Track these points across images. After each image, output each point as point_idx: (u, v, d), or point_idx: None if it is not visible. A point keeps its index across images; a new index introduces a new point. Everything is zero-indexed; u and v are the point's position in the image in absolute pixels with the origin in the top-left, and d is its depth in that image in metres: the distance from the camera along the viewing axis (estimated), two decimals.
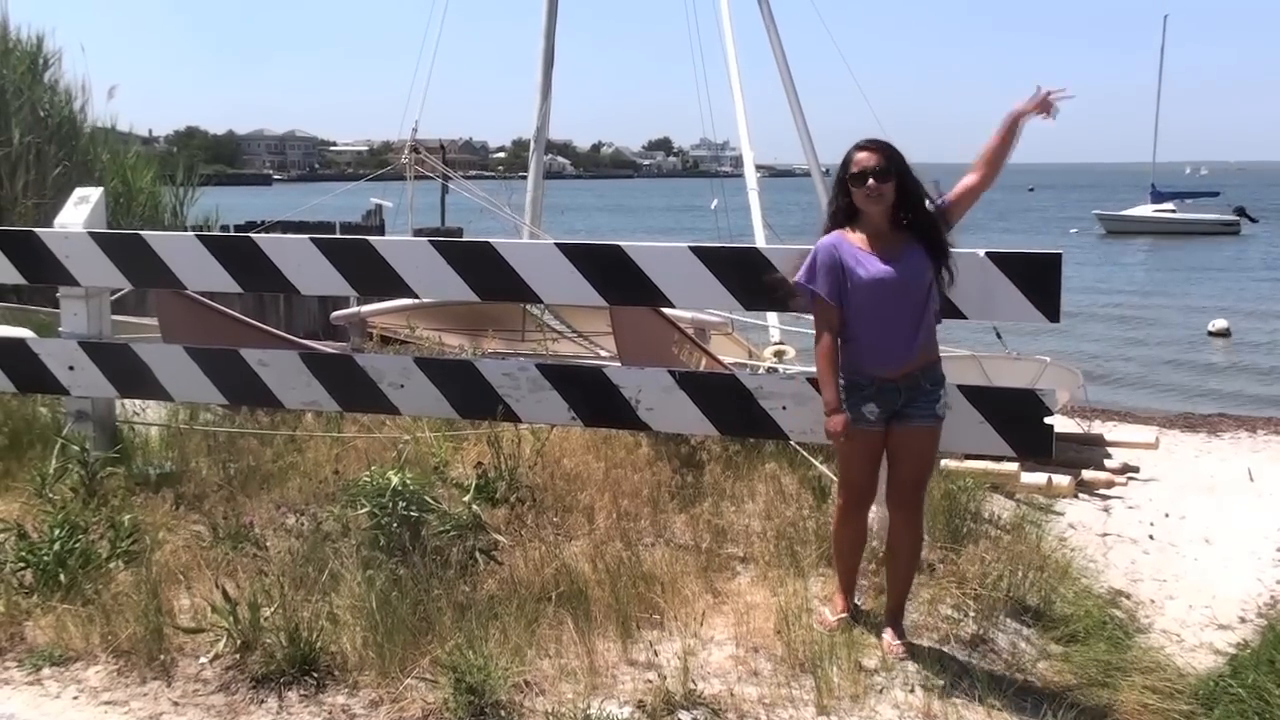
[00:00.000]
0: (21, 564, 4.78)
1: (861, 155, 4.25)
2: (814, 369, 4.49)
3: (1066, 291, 4.91)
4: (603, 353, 10.34)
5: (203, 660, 4.23)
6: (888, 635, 4.40)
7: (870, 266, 4.23)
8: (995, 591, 4.88)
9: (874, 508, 4.76)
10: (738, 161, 15.09)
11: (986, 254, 4.90)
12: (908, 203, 4.27)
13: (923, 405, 4.32)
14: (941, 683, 4.10)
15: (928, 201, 4.34)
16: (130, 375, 6.13)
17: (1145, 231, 53.39)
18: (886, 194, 4.22)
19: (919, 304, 4.27)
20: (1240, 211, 56.50)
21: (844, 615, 4.52)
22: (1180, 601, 5.96)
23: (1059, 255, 4.89)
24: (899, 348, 4.27)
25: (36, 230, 6.39)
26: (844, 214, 4.33)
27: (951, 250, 4.35)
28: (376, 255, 5.74)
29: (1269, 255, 44.93)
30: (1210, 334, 24.72)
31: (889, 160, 4.24)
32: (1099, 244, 50.83)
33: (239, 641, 4.21)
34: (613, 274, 5.44)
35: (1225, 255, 44.57)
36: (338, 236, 6.09)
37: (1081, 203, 74.33)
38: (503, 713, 3.83)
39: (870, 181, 4.21)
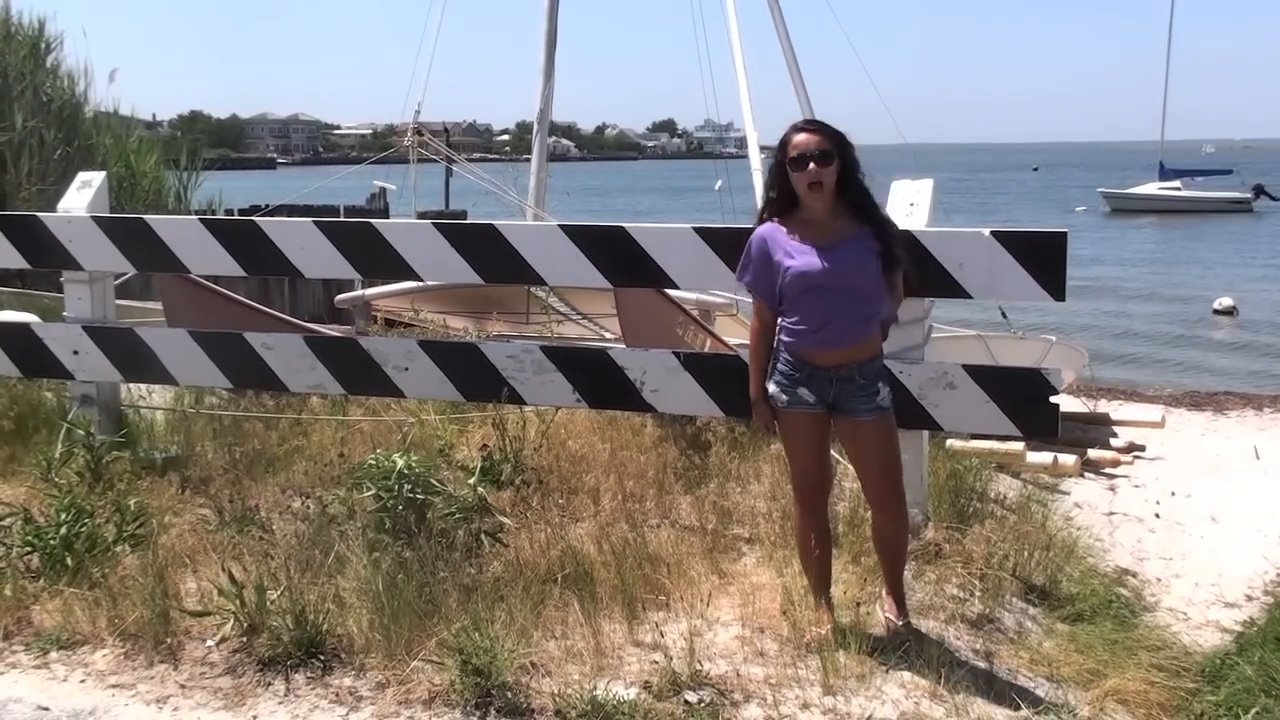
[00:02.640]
0: (28, 548, 4.79)
1: (801, 137, 4.03)
2: None
3: (1072, 270, 4.88)
4: (607, 335, 10.33)
5: (209, 643, 4.24)
6: (889, 613, 4.34)
7: (800, 257, 4.06)
8: (1001, 571, 4.88)
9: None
10: (742, 143, 15.03)
11: (991, 233, 4.88)
12: (849, 188, 4.09)
13: (861, 400, 4.13)
14: (947, 663, 4.09)
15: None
16: (135, 359, 6.13)
17: (1151, 210, 52.95)
18: (828, 180, 4.03)
19: (855, 296, 4.08)
20: (1260, 190, 55.13)
21: (829, 627, 4.23)
22: (1186, 580, 5.95)
23: (1064, 234, 4.86)
24: (829, 339, 4.09)
25: (40, 214, 6.39)
26: (781, 202, 4.16)
27: (898, 234, 4.21)
28: (380, 238, 5.73)
29: None
30: (1216, 312, 24.63)
31: (831, 142, 4.04)
32: (1104, 222, 50.58)
33: (245, 624, 4.21)
34: (617, 256, 5.43)
35: (1236, 233, 44.26)
36: (341, 219, 6.09)
37: (1087, 182, 73.96)
38: (509, 694, 3.84)
39: (811, 166, 4.00)
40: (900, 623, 4.31)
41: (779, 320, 4.22)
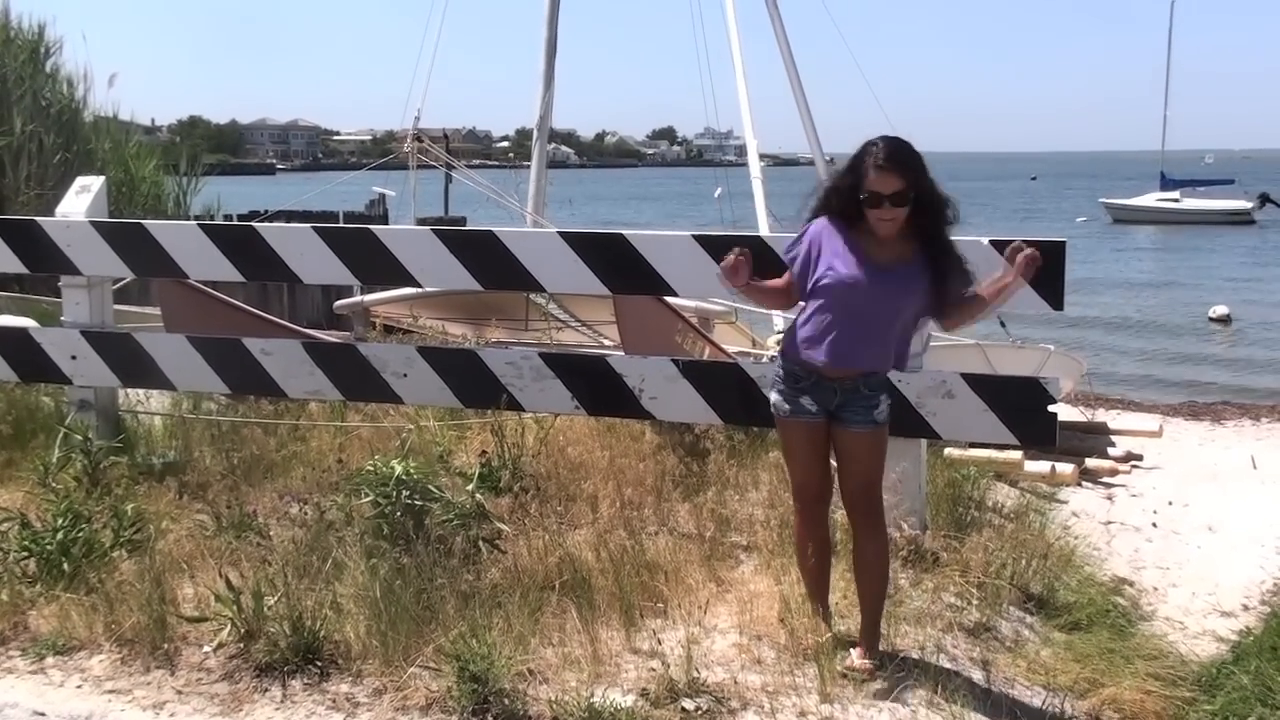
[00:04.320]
0: (25, 553, 4.78)
1: (877, 179, 3.87)
2: None
3: (1071, 280, 4.88)
4: (606, 342, 10.33)
5: (206, 649, 4.24)
6: (855, 654, 4.10)
7: (845, 267, 3.97)
8: (999, 580, 4.88)
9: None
10: (741, 150, 15.04)
11: (990, 242, 4.89)
12: (924, 215, 3.96)
13: (860, 410, 4.07)
14: (944, 671, 4.09)
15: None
16: (133, 364, 6.13)
17: (1153, 220, 52.85)
18: (900, 216, 3.93)
19: (886, 320, 4.02)
20: (1265, 198, 54.28)
21: (828, 636, 4.17)
22: (1183, 589, 5.95)
23: (1063, 243, 4.87)
24: (842, 352, 4.01)
25: (38, 219, 6.39)
26: (846, 213, 4.02)
27: (958, 278, 4.05)
28: (379, 244, 5.74)
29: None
30: (1211, 320, 24.64)
31: (908, 181, 3.88)
32: (1105, 232, 50.57)
33: (242, 630, 4.21)
34: (616, 263, 5.44)
35: (1235, 243, 44.21)
36: (340, 225, 6.10)
37: (1088, 191, 73.88)
38: (506, 701, 3.83)
39: (885, 204, 3.91)
40: (870, 664, 4.08)
41: (793, 325, 4.19)
